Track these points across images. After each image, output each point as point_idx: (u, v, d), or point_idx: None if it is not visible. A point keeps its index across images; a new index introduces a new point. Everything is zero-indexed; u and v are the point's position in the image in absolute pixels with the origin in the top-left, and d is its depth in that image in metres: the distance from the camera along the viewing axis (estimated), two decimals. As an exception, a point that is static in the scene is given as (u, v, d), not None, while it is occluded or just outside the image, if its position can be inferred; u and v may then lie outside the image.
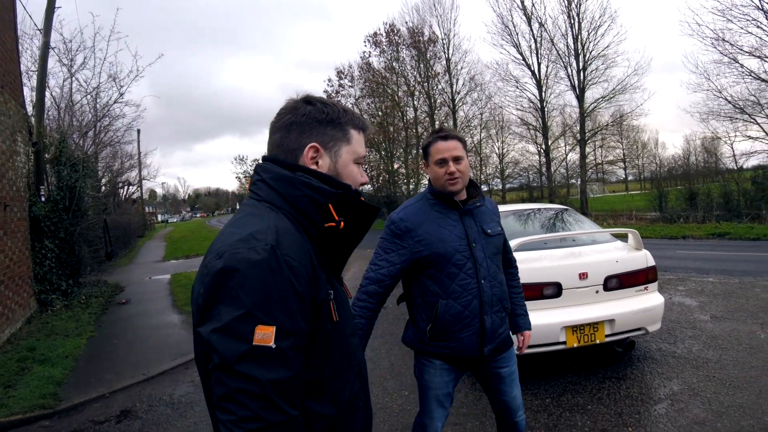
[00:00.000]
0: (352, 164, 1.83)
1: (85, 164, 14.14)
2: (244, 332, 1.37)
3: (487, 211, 3.29)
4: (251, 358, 1.36)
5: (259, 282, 1.41)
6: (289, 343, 1.42)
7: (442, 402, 3.24)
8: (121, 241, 28.96)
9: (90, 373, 7.37)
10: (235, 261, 1.43)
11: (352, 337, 1.83)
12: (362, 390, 1.86)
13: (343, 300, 1.81)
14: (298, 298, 1.48)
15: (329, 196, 1.66)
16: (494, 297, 3.12)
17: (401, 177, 50.69)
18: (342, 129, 1.80)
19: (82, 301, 12.70)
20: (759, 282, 10.98)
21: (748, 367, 6.08)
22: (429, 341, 3.15)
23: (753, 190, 27.37)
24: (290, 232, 1.58)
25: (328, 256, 1.75)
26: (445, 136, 3.11)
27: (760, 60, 27.50)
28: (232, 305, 1.39)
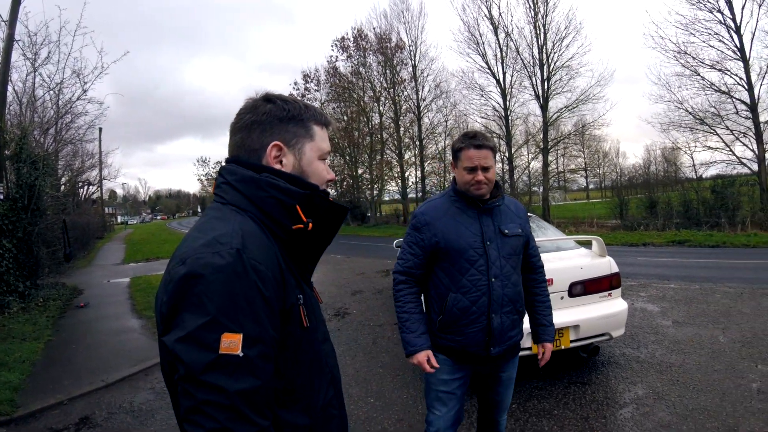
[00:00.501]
0: (317, 161, 1.79)
1: (46, 162, 13.81)
2: (210, 341, 1.33)
3: (509, 212, 3.31)
4: (218, 367, 1.32)
5: (225, 287, 1.37)
6: (258, 350, 1.39)
7: (443, 400, 3.27)
8: (80, 242, 28.54)
9: (48, 379, 7.21)
10: (198, 266, 1.39)
11: (323, 343, 1.80)
12: (336, 397, 1.83)
13: (314, 305, 1.79)
14: (266, 304, 1.45)
15: (296, 197, 1.63)
16: (505, 297, 3.14)
17: (365, 182, 50.62)
18: (304, 126, 1.76)
19: (40, 304, 12.45)
20: (719, 288, 11.14)
21: (711, 370, 6.17)
22: (437, 332, 3.21)
23: (712, 199, 27.73)
24: (256, 235, 1.54)
25: (296, 259, 1.71)
26: (479, 145, 3.10)
27: (721, 73, 28.03)
28: (197, 313, 1.35)
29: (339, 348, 8.03)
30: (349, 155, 49.90)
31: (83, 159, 39.77)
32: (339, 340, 8.56)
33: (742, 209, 26.41)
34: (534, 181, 45.25)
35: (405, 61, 46.27)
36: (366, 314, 10.41)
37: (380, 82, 47.57)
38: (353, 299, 12.26)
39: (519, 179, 43.21)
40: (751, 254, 17.48)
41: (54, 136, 20.71)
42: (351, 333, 9.05)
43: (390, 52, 45.57)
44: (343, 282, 15.13)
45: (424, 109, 46.08)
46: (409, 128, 47.16)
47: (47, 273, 16.03)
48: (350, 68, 48.33)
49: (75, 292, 15.08)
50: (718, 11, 27.35)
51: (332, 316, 10.38)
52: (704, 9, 27.72)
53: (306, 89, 50.44)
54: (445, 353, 3.22)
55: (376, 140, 48.13)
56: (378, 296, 12.29)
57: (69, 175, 35.28)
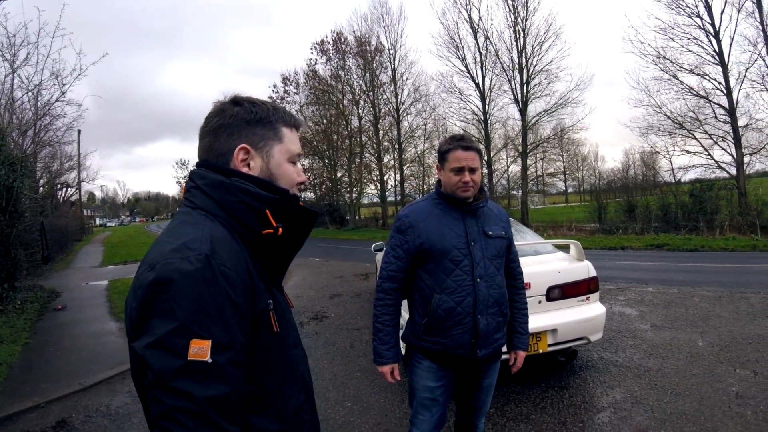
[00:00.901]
0: (287, 163, 1.77)
1: (24, 164, 13.65)
2: (179, 346, 1.31)
3: (492, 214, 3.33)
4: (187, 373, 1.30)
5: (193, 293, 1.35)
6: (227, 357, 1.37)
7: (427, 406, 3.25)
8: (58, 244, 28.38)
9: (25, 382, 7.12)
10: (167, 272, 1.37)
11: (294, 348, 1.78)
12: (308, 402, 1.81)
13: (284, 310, 1.76)
14: (235, 310, 1.43)
15: (266, 202, 1.62)
16: (490, 298, 3.13)
17: (344, 185, 50.64)
18: (273, 128, 1.74)
19: (17, 306, 12.30)
20: (697, 291, 11.20)
21: (689, 374, 6.18)
22: (422, 335, 3.17)
23: (690, 203, 27.96)
24: (226, 241, 1.52)
25: (267, 264, 1.69)
26: (466, 147, 3.13)
27: (700, 77, 28.28)
28: (166, 318, 1.33)
29: (317, 351, 8.05)
30: (328, 158, 49.98)
31: (62, 161, 39.58)
32: (317, 344, 8.51)
33: (720, 213, 26.69)
34: (513, 185, 45.62)
35: (384, 65, 46.40)
36: (344, 318, 10.36)
37: (360, 85, 47.67)
38: (331, 302, 12.21)
39: (498, 183, 43.50)
40: (730, 258, 17.67)
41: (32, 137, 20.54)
42: (329, 336, 8.99)
43: (370, 55, 45.65)
44: (322, 285, 15.09)
45: (403, 112, 46.19)
46: (388, 131, 47.25)
47: (25, 275, 15.88)
48: (330, 71, 48.43)
49: (53, 295, 14.96)
50: (697, 16, 27.68)
51: (310, 320, 10.33)
52: (683, 14, 28.08)
53: (285, 92, 50.54)
54: (430, 357, 3.20)
55: (356, 143, 48.24)
56: (356, 299, 12.26)
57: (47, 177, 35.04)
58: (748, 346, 7.12)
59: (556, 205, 72.55)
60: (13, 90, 16.36)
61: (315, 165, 52.09)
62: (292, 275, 17.57)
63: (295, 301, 12.62)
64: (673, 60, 28.85)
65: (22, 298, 13.36)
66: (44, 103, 16.53)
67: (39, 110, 16.81)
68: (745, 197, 26.28)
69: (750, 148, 27.45)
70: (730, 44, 27.15)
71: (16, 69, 15.30)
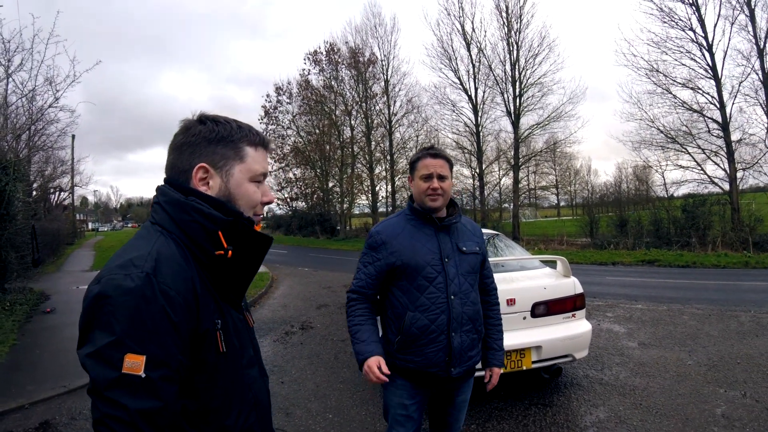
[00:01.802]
0: (248, 183, 1.75)
1: (17, 168, 13.65)
2: (114, 359, 1.35)
3: (465, 230, 3.31)
4: (120, 385, 1.34)
5: (131, 311, 1.39)
6: (160, 373, 1.40)
7: (401, 422, 3.20)
8: (50, 248, 28.36)
9: (10, 382, 7.13)
10: (110, 287, 1.42)
11: (248, 368, 1.80)
12: (259, 423, 1.82)
13: (240, 329, 1.79)
14: (173, 328, 1.45)
15: (219, 223, 1.62)
16: (464, 315, 3.09)
17: (336, 195, 50.74)
18: (234, 147, 1.73)
19: (6, 308, 12.28)
20: (687, 309, 11.16)
21: (675, 394, 6.12)
22: (395, 353, 3.13)
23: (683, 218, 27.95)
24: (173, 260, 1.55)
25: (221, 283, 1.70)
26: (434, 154, 3.17)
27: (693, 91, 28.33)
28: (105, 331, 1.38)
29: (301, 362, 8.03)
30: (319, 168, 50.05)
31: (55, 165, 39.44)
32: (301, 354, 8.48)
33: (712, 229, 26.68)
34: (505, 198, 45.51)
35: (377, 76, 46.45)
36: (330, 328, 10.33)
37: (352, 96, 47.73)
38: (318, 313, 12.20)
39: (490, 195, 43.46)
40: (721, 275, 17.62)
41: (26, 142, 20.52)
42: (314, 347, 8.95)
43: (362, 66, 45.73)
44: (310, 295, 15.10)
45: (395, 123, 46.21)
46: (380, 142, 47.30)
47: (15, 277, 15.88)
48: (322, 81, 48.60)
49: (42, 298, 14.98)
50: (690, 29, 27.72)
51: (296, 330, 10.30)
52: (676, 27, 28.10)
53: (278, 102, 50.77)
54: (404, 376, 3.15)
55: (347, 154, 48.32)
56: (343, 310, 12.01)
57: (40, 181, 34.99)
58: (736, 365, 7.06)
59: (548, 219, 72.81)
60: (7, 94, 16.38)
61: (306, 175, 52.18)
62: (279, 284, 17.62)
63: (282, 311, 12.65)
64: (666, 73, 28.91)
65: (11, 299, 13.35)
66: (38, 109, 16.60)
67: (33, 115, 16.86)
68: (737, 213, 26.29)
69: (743, 163, 27.49)
70: (723, 58, 27.23)
71: (11, 74, 15.33)
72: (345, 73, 47.55)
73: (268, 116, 51.02)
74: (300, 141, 50.93)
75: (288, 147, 51.40)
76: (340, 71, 47.63)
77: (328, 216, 51.25)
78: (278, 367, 7.76)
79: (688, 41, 28.02)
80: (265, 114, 51.06)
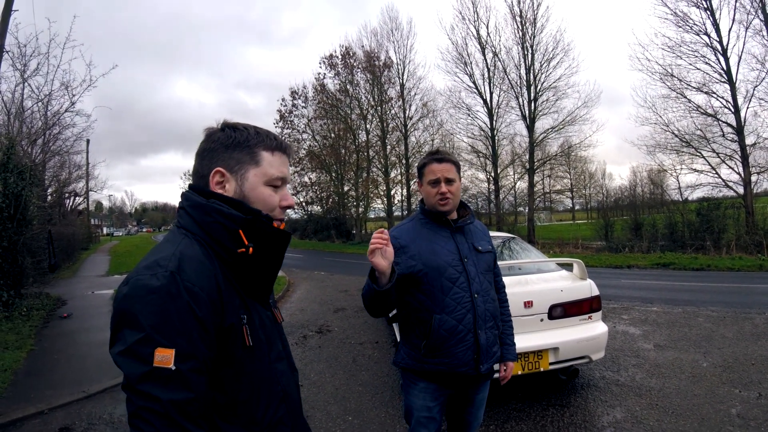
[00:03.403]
0: (263, 186, 1.83)
1: (33, 172, 13.70)
2: (145, 354, 1.44)
3: (477, 231, 3.37)
4: (152, 379, 1.43)
5: (158, 307, 1.49)
6: (189, 365, 1.49)
7: (424, 424, 3.23)
8: (65, 253, 28.39)
9: (29, 388, 7.17)
10: (137, 288, 1.52)
11: (277, 362, 1.88)
12: (289, 416, 1.89)
13: (267, 325, 1.87)
14: (198, 323, 1.54)
15: (239, 222, 1.71)
16: (487, 312, 3.15)
17: (351, 199, 50.70)
18: (250, 152, 1.81)
19: (23, 313, 12.33)
20: (702, 311, 11.16)
21: (690, 395, 6.15)
22: (424, 358, 3.14)
23: (697, 222, 27.84)
24: (196, 259, 1.64)
25: (245, 280, 1.79)
26: (440, 159, 3.17)
27: (708, 95, 28.21)
28: (134, 329, 1.47)
29: (319, 365, 8.07)
30: (335, 172, 49.99)
31: (70, 170, 39.51)
32: (320, 357, 8.53)
33: (727, 232, 26.57)
34: (520, 202, 45.38)
35: (393, 80, 46.31)
36: (347, 332, 10.38)
37: (368, 99, 47.65)
38: (335, 317, 12.22)
39: (505, 199, 43.26)
40: (736, 278, 17.55)
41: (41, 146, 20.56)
42: (332, 350, 9.00)
43: (378, 70, 45.65)
44: (326, 299, 15.12)
45: (410, 127, 46.06)
46: (395, 146, 47.17)
47: (31, 283, 15.89)
48: (338, 85, 48.46)
49: (58, 303, 15.00)
50: (705, 34, 27.65)
51: (314, 333, 10.35)
52: (691, 32, 28.05)
53: (294, 105, 50.74)
54: (431, 379, 3.19)
55: (363, 158, 48.19)
56: (360, 314, 12.20)
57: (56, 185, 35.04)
58: (751, 367, 7.10)
59: (563, 222, 72.61)
60: (23, 99, 16.44)
61: (322, 179, 52.14)
62: (296, 288, 17.63)
63: (299, 315, 12.67)
64: (680, 78, 28.82)
65: (28, 305, 13.38)
66: (54, 113, 16.63)
67: (49, 120, 16.90)
68: (752, 216, 26.16)
69: (758, 167, 27.39)
70: (737, 62, 27.16)
71: (27, 79, 15.40)
72: (360, 76, 47.58)
73: (283, 120, 50.99)
74: (315, 145, 50.86)
75: (303, 151, 51.36)
76: (355, 75, 47.63)
77: (343, 220, 51.08)
78: (297, 371, 7.77)
79: (703, 45, 28.01)
80: (280, 118, 51.03)
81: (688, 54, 28.32)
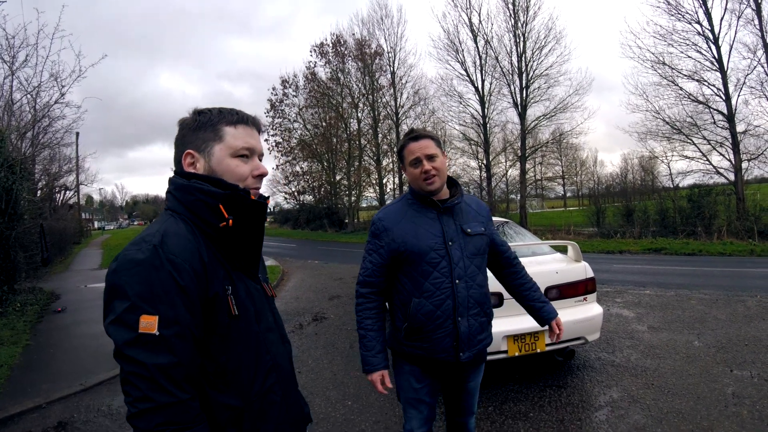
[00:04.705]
0: (229, 158, 1.91)
1: (23, 166, 13.62)
2: (131, 321, 1.56)
3: (470, 211, 3.26)
4: (138, 344, 1.55)
5: (142, 277, 1.61)
6: (173, 331, 1.60)
7: (413, 404, 3.24)
8: (57, 247, 28.30)
9: (26, 383, 7.13)
10: (124, 262, 1.65)
11: (267, 333, 1.98)
12: (279, 384, 1.98)
13: (256, 296, 1.97)
14: (181, 291, 1.65)
15: (219, 197, 1.82)
16: (471, 299, 3.07)
17: (343, 188, 50.68)
18: (213, 129, 1.91)
19: (17, 309, 12.27)
20: (694, 294, 11.26)
21: (685, 374, 6.23)
22: (404, 341, 3.14)
23: (688, 208, 27.90)
24: (179, 234, 1.75)
25: (230, 253, 1.89)
26: (416, 137, 3.11)
27: (699, 83, 28.25)
28: (122, 299, 1.59)
29: (316, 352, 8.13)
30: (327, 161, 49.99)
31: (60, 163, 39.18)
32: (317, 344, 8.58)
33: (718, 218, 26.65)
34: (512, 189, 45.57)
35: (384, 68, 46.28)
36: (343, 319, 10.45)
37: (359, 88, 47.61)
38: (330, 304, 12.28)
39: (497, 186, 43.39)
40: (727, 262, 17.69)
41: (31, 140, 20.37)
42: (329, 337, 9.05)
43: (369, 58, 45.57)
44: (321, 287, 15.18)
45: (402, 115, 46.01)
46: (387, 135, 47.18)
47: (24, 278, 15.87)
48: (329, 74, 48.43)
49: (52, 297, 14.93)
50: (697, 22, 27.64)
51: (310, 321, 10.40)
52: (683, 20, 28.03)
53: (284, 94, 50.75)
54: (412, 362, 3.19)
55: (354, 147, 48.23)
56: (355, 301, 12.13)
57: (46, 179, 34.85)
58: (744, 347, 7.18)
59: (555, 210, 72.51)
60: (12, 92, 16.33)
61: (314, 168, 52.11)
62: (291, 277, 17.70)
63: (295, 303, 12.72)
64: (672, 66, 28.83)
65: (21, 300, 13.35)
66: (43, 105, 16.45)
67: (38, 112, 16.74)
68: (743, 203, 26.27)
69: (748, 153, 27.45)
70: (729, 51, 27.13)
71: (15, 71, 15.25)
72: (351, 65, 47.56)
73: (274, 109, 51.09)
74: (306, 134, 50.87)
75: (295, 140, 51.37)
76: (346, 63, 47.59)
77: (335, 209, 51.13)
78: (294, 358, 7.76)
79: (695, 34, 27.98)
80: (271, 107, 51.16)
81: (680, 42, 28.33)
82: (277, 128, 51.65)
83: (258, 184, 1.98)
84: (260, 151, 2.01)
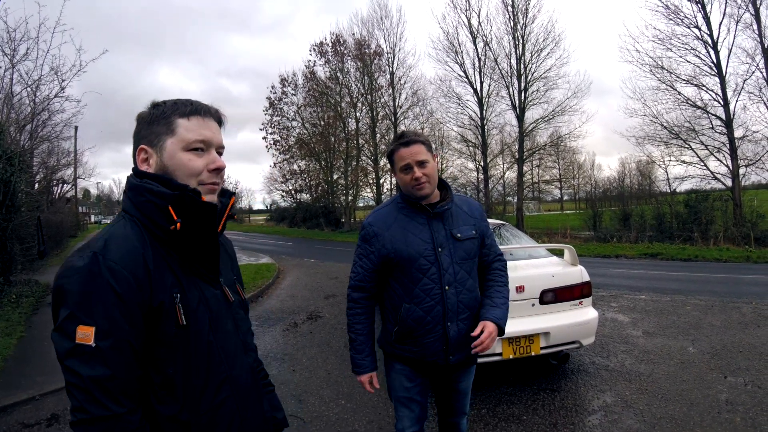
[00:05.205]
0: (181, 152, 1.80)
1: (21, 159, 13.57)
2: (70, 331, 1.52)
3: (461, 214, 3.20)
4: (75, 355, 1.51)
5: (80, 286, 1.55)
6: (109, 343, 1.54)
7: (404, 403, 3.25)
8: (54, 240, 28.21)
9: (20, 374, 7.15)
10: (66, 268, 1.60)
11: (225, 342, 1.87)
12: (233, 398, 1.86)
13: (211, 302, 1.85)
14: (119, 300, 1.58)
15: (168, 198, 1.72)
16: (461, 304, 3.04)
17: (340, 188, 50.66)
18: (166, 122, 1.81)
19: (12, 300, 12.28)
20: (690, 300, 11.27)
21: (679, 380, 6.23)
22: (394, 343, 3.15)
23: (685, 213, 27.92)
24: (124, 239, 1.68)
25: (186, 257, 1.81)
26: (407, 142, 3.02)
27: (697, 88, 28.28)
28: (63, 307, 1.56)
29: (311, 350, 8.13)
30: (324, 160, 49.94)
31: (58, 157, 39.17)
32: (311, 343, 8.59)
33: (715, 224, 26.67)
34: (509, 191, 45.44)
35: (383, 68, 46.32)
36: (338, 317, 10.42)
37: (358, 88, 47.63)
38: (326, 303, 12.28)
39: (494, 189, 43.32)
40: (723, 268, 17.70)
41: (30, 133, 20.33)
42: (323, 336, 9.05)
43: (368, 58, 45.63)
44: (317, 286, 15.16)
45: (400, 116, 46.02)
46: (385, 135, 47.08)
47: (20, 269, 15.84)
48: (328, 73, 48.44)
49: (48, 290, 14.82)
50: (696, 27, 27.68)
51: (305, 320, 10.39)
52: (681, 24, 28.07)
53: (283, 93, 50.67)
54: (403, 362, 3.20)
55: (352, 146, 48.18)
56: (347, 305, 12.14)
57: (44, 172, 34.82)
58: (738, 354, 7.18)
59: (552, 213, 72.62)
60: (12, 85, 16.30)
61: (311, 167, 52.07)
62: (286, 275, 17.70)
63: (290, 301, 12.73)
64: (670, 70, 28.87)
65: (17, 292, 13.34)
66: (43, 98, 16.43)
67: (37, 105, 16.71)
68: (740, 209, 26.29)
69: (746, 159, 27.47)
70: (728, 56, 27.20)
71: (16, 64, 15.23)
72: (351, 64, 47.57)
73: (272, 107, 51.02)
74: (305, 133, 50.81)
75: (293, 138, 51.35)
76: (345, 63, 47.62)
77: (332, 208, 51.00)
78: (289, 356, 7.87)
79: (693, 38, 28.04)
80: (270, 105, 51.10)
81: (679, 46, 28.38)
82: (276, 126, 51.64)
83: (215, 179, 1.86)
84: (218, 144, 1.89)
